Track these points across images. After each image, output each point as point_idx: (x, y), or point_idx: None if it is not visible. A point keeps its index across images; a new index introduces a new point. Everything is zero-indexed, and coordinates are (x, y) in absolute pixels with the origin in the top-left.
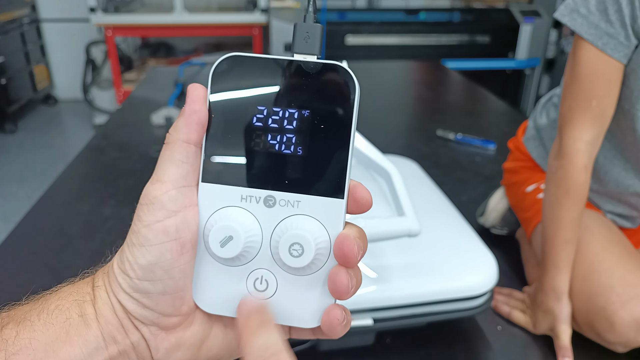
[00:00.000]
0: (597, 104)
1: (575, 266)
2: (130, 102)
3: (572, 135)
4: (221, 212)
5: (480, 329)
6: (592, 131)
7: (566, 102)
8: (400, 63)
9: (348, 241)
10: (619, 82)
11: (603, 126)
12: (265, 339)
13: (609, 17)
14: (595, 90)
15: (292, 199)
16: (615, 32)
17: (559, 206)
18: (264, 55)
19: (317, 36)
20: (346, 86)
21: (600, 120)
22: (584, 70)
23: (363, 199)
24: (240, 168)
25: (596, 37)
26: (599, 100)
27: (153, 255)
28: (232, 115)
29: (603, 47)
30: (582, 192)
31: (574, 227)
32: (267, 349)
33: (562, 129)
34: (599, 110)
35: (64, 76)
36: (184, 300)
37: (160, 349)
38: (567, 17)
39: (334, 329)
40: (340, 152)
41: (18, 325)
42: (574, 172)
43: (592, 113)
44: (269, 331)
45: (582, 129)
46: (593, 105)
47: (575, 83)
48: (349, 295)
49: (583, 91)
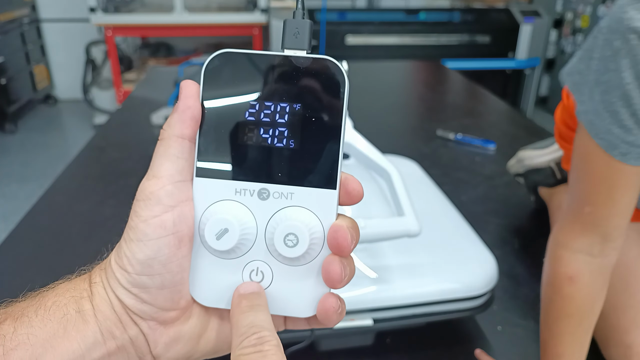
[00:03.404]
0: (591, 212)
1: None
2: (130, 102)
3: (557, 238)
4: (216, 205)
5: (480, 329)
6: (584, 240)
7: (568, 193)
8: (400, 63)
9: (342, 231)
10: (629, 190)
11: (604, 237)
12: (252, 317)
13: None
14: (591, 195)
15: (286, 191)
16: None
17: (546, 313)
18: (255, 52)
19: (307, 32)
20: (336, 79)
21: (594, 229)
22: (581, 165)
23: (355, 190)
24: (234, 162)
25: (610, 145)
26: (594, 208)
27: (151, 249)
28: (224, 110)
29: (621, 158)
30: (570, 307)
31: (567, 342)
32: (253, 326)
33: (553, 224)
34: (591, 220)
35: (64, 76)
36: (182, 294)
37: (159, 344)
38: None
39: (330, 317)
40: (332, 144)
41: (16, 321)
42: (556, 281)
43: (583, 220)
44: (258, 312)
45: (570, 234)
46: (585, 212)
47: (572, 174)
48: (343, 284)
49: (578, 191)
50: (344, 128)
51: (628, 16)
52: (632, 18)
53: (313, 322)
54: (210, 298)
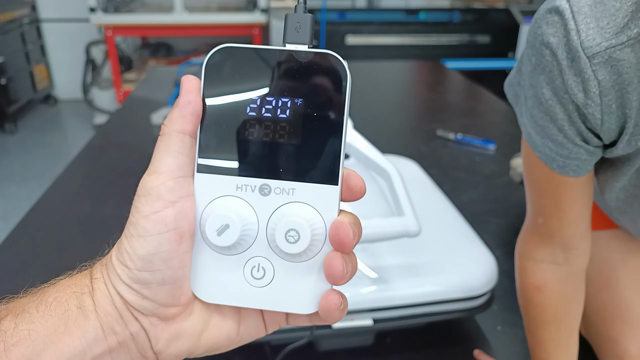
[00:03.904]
0: (543, 223)
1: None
2: (130, 102)
3: (519, 249)
4: (217, 201)
5: (480, 329)
6: (544, 250)
7: (526, 203)
8: (400, 63)
9: (343, 227)
10: (576, 200)
11: (563, 246)
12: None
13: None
14: (541, 207)
15: (287, 186)
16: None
17: (527, 322)
18: (255, 46)
19: (308, 26)
20: (337, 74)
21: (550, 240)
22: (528, 176)
23: (357, 186)
24: (235, 158)
25: (548, 158)
26: (546, 219)
27: (152, 245)
28: (225, 105)
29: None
30: (544, 314)
31: (552, 348)
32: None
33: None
34: (545, 230)
35: (64, 76)
36: (183, 290)
37: (160, 340)
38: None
39: (332, 313)
40: (334, 139)
41: (17, 317)
42: (525, 291)
43: (539, 231)
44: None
45: (529, 245)
46: (539, 223)
47: (525, 185)
48: (345, 280)
49: (530, 202)
50: (346, 123)
51: (541, 31)
52: (545, 33)
53: (315, 319)
54: (211, 294)
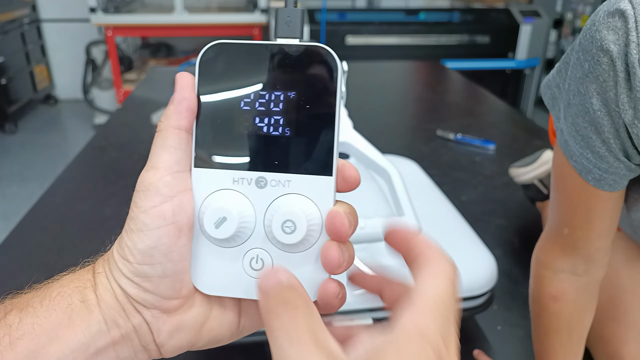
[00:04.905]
0: (569, 234)
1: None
2: (130, 102)
3: (538, 257)
4: (214, 195)
5: (480, 329)
6: (565, 260)
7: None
8: (400, 63)
9: (339, 216)
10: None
11: (586, 258)
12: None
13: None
14: (569, 218)
15: (283, 178)
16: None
17: (536, 328)
18: (248, 42)
19: (298, 20)
20: (328, 66)
21: (574, 252)
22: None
23: (351, 177)
24: (231, 152)
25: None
26: (573, 231)
27: (151, 239)
28: (220, 100)
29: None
30: (558, 322)
31: (560, 354)
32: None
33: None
34: (570, 241)
35: (64, 76)
36: (183, 282)
37: (162, 332)
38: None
39: (330, 302)
40: (327, 130)
41: (21, 311)
42: (541, 299)
43: (563, 241)
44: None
45: (550, 254)
46: (564, 234)
47: (552, 193)
48: (342, 269)
49: (557, 211)
50: (338, 114)
51: (600, 36)
52: (605, 39)
53: None
54: (211, 286)
